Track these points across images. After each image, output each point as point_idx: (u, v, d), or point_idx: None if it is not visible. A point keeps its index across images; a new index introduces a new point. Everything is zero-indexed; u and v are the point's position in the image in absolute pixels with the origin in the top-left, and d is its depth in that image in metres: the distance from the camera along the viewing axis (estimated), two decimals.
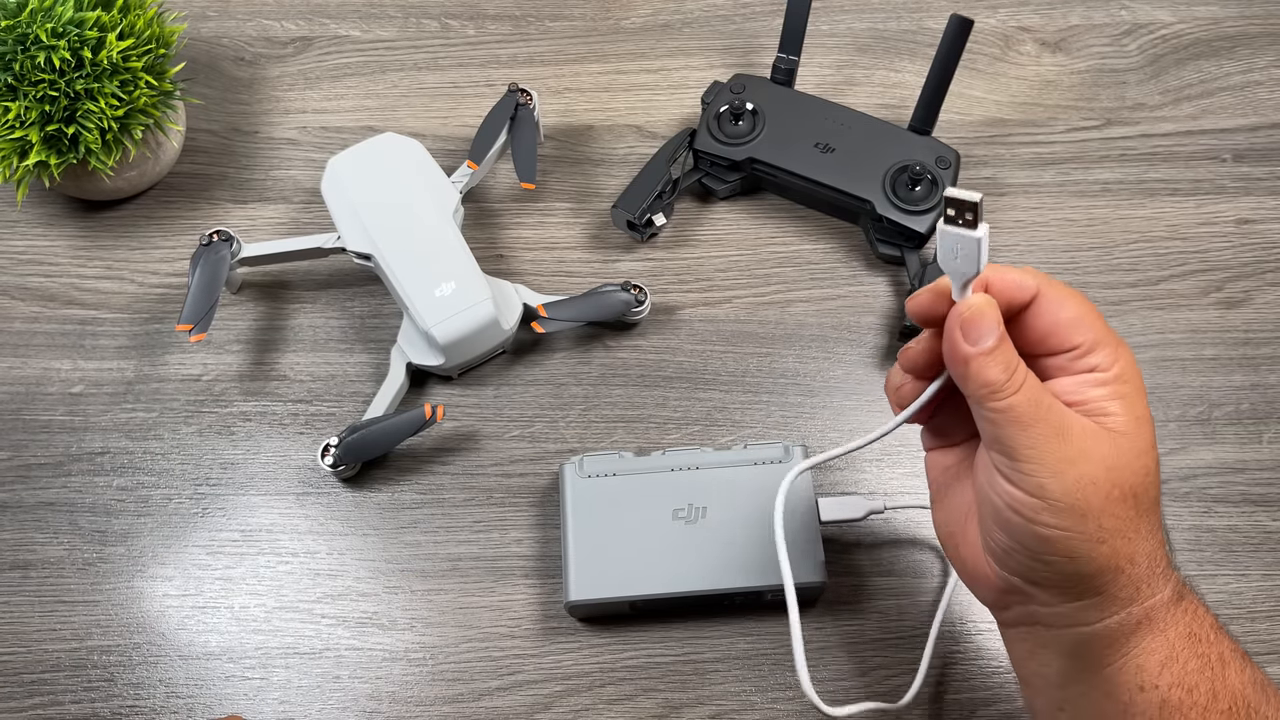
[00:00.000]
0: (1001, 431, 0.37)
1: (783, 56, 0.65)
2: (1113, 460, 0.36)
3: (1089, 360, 0.38)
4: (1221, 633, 0.39)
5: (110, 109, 0.58)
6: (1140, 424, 0.37)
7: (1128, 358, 0.38)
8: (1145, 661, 0.38)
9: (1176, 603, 0.38)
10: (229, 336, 0.63)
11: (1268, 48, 0.71)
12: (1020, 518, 0.37)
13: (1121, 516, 0.37)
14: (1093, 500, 0.36)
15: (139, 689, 0.54)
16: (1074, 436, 0.36)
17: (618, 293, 0.60)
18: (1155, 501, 0.38)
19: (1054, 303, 0.38)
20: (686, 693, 0.53)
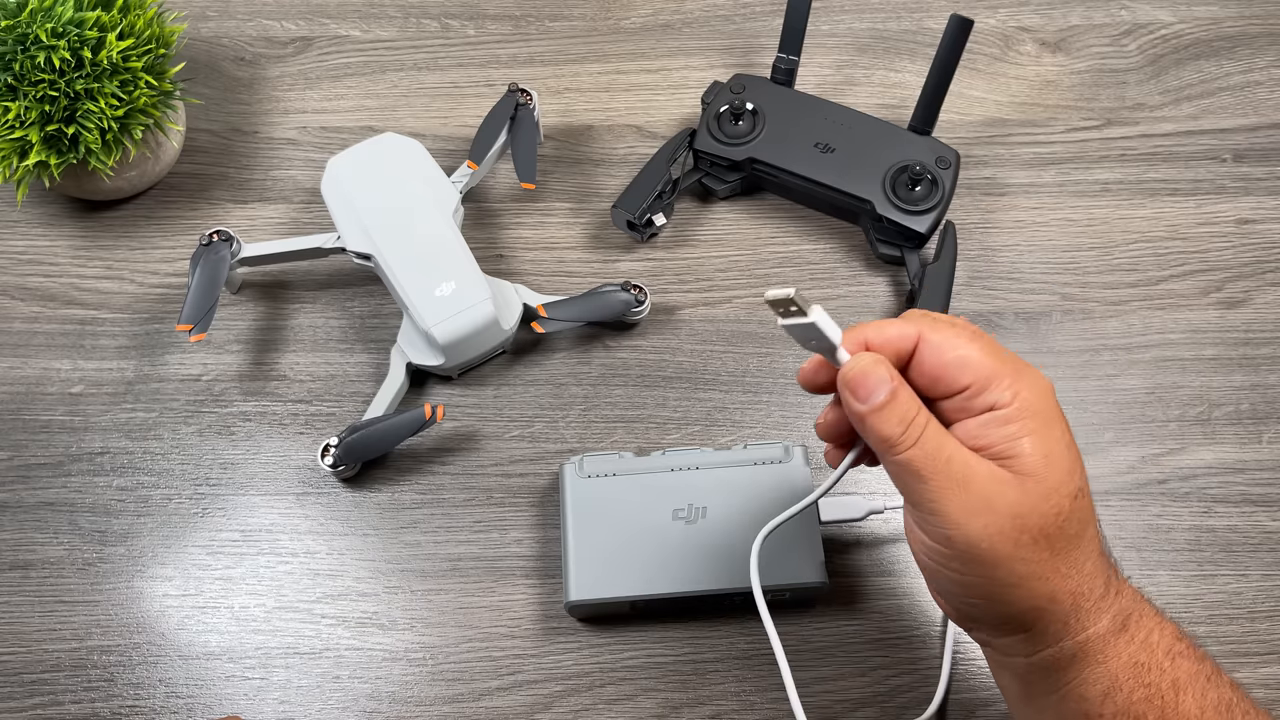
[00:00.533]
0: (904, 484, 0.37)
1: (783, 56, 0.65)
2: (1019, 506, 0.36)
3: (985, 399, 0.36)
4: (1181, 657, 0.38)
5: (110, 109, 0.58)
6: (1050, 461, 0.36)
7: (1032, 390, 0.36)
8: (1086, 691, 0.38)
9: (1119, 633, 0.38)
10: (229, 336, 0.63)
11: (1268, 48, 0.71)
12: (934, 564, 0.38)
13: (1033, 560, 0.36)
14: (1000, 549, 0.36)
15: (139, 689, 0.54)
16: (976, 486, 0.36)
17: (618, 293, 0.60)
18: (1074, 538, 0.37)
19: (935, 346, 0.37)
20: (686, 693, 0.53)
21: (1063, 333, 0.62)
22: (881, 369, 0.37)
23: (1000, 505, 0.35)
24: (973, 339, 0.37)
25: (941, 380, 0.37)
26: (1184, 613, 0.54)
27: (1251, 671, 0.53)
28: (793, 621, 0.54)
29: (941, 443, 0.36)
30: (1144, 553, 0.56)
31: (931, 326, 0.37)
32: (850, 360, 0.37)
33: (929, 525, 0.37)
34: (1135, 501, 0.57)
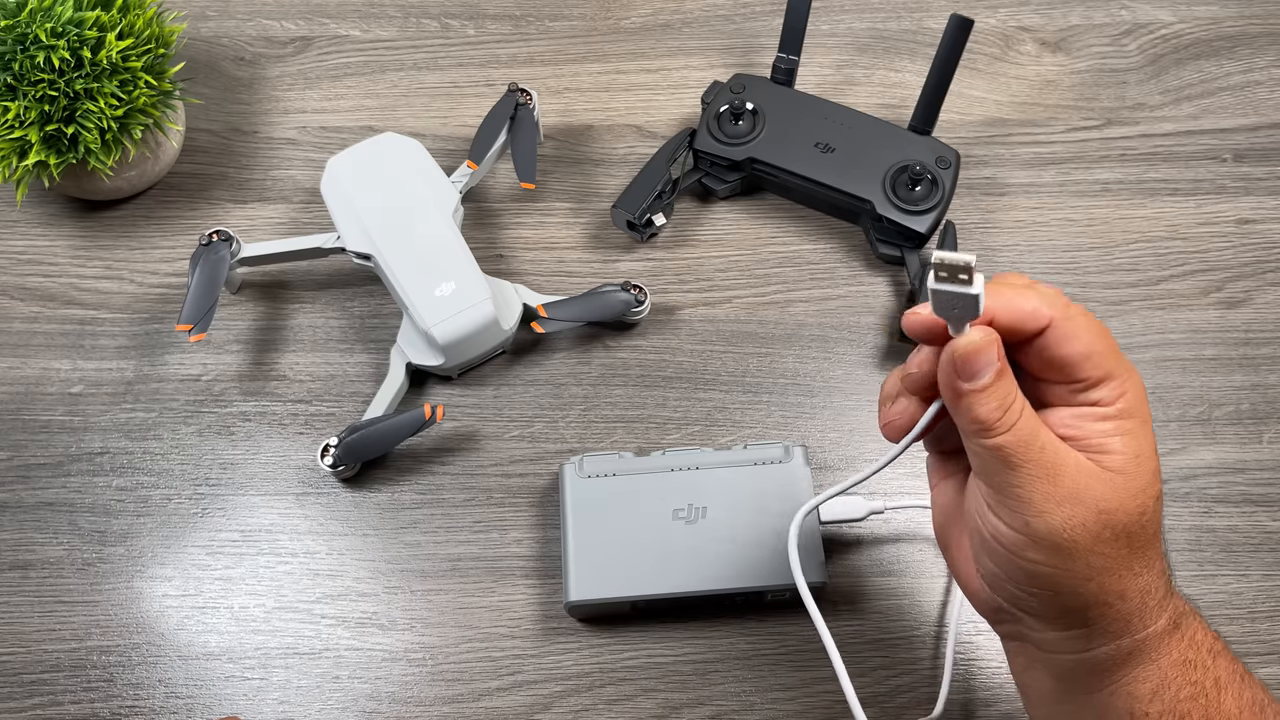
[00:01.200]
0: (989, 467, 0.36)
1: (783, 56, 0.65)
2: (1106, 502, 0.35)
3: (1093, 394, 0.36)
4: (1220, 656, 0.38)
5: (110, 109, 0.58)
6: (1140, 462, 0.36)
7: (1135, 391, 0.36)
8: (1136, 690, 0.38)
9: (1172, 632, 0.38)
10: (229, 336, 0.63)
11: (1268, 47, 0.71)
12: (1005, 550, 0.37)
13: (1111, 555, 0.36)
14: (1080, 540, 0.35)
15: (138, 689, 0.54)
16: (1065, 477, 0.35)
17: (618, 293, 0.60)
18: (1153, 537, 0.37)
19: (1067, 336, 0.36)
20: (686, 693, 0.53)
21: None
22: (993, 350, 0.35)
23: (1087, 498, 0.35)
24: (1100, 334, 0.36)
25: (1062, 368, 0.36)
26: None
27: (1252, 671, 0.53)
28: (793, 621, 0.54)
29: (1035, 430, 0.36)
30: None
31: (1065, 313, 0.36)
32: (964, 336, 0.35)
33: (1008, 511, 0.36)
34: None
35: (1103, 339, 0.36)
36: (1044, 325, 0.36)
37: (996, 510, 0.37)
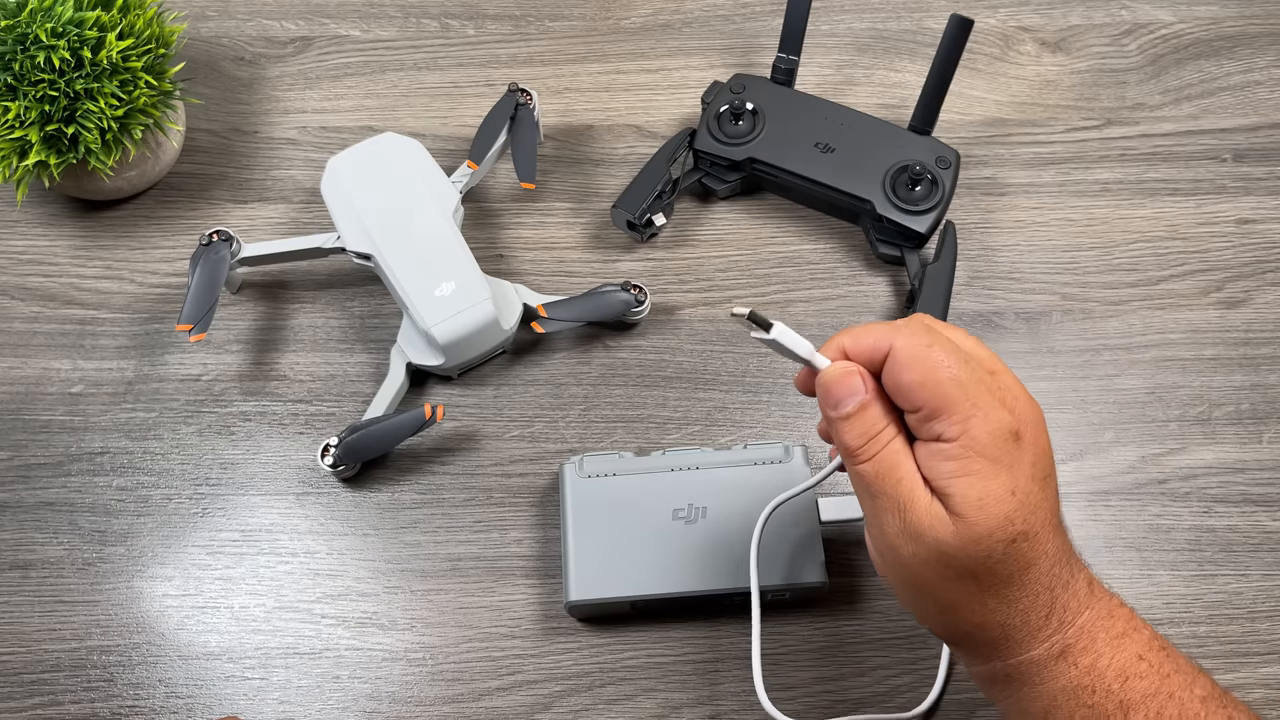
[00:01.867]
0: (858, 491, 0.39)
1: (783, 56, 0.65)
2: (946, 545, 0.36)
3: (933, 427, 0.36)
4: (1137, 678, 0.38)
5: (110, 109, 0.58)
6: (983, 506, 0.35)
7: (985, 427, 0.35)
8: (1029, 706, 0.39)
9: (1056, 659, 0.38)
10: (229, 336, 0.63)
11: (1268, 47, 0.71)
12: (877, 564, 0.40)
13: (959, 593, 0.37)
14: (925, 577, 0.37)
15: (139, 689, 0.54)
16: (913, 514, 0.36)
17: (618, 293, 0.60)
18: (1009, 578, 0.37)
19: (900, 363, 0.37)
20: (686, 693, 0.53)
21: (1063, 333, 0.62)
22: (854, 380, 0.38)
23: (929, 539, 0.36)
24: (945, 364, 0.36)
25: (897, 395, 0.37)
26: (1184, 613, 0.54)
27: (1252, 671, 0.53)
28: (793, 621, 0.54)
29: (896, 463, 0.37)
30: (1144, 553, 0.56)
31: (908, 341, 0.37)
32: (826, 368, 0.39)
33: (873, 535, 0.39)
34: (1135, 501, 0.57)
35: (944, 369, 0.36)
36: (884, 355, 0.37)
37: (869, 534, 0.40)
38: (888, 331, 0.37)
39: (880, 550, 0.39)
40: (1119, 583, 0.55)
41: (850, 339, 0.38)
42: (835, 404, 0.38)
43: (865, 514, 0.39)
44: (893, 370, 0.37)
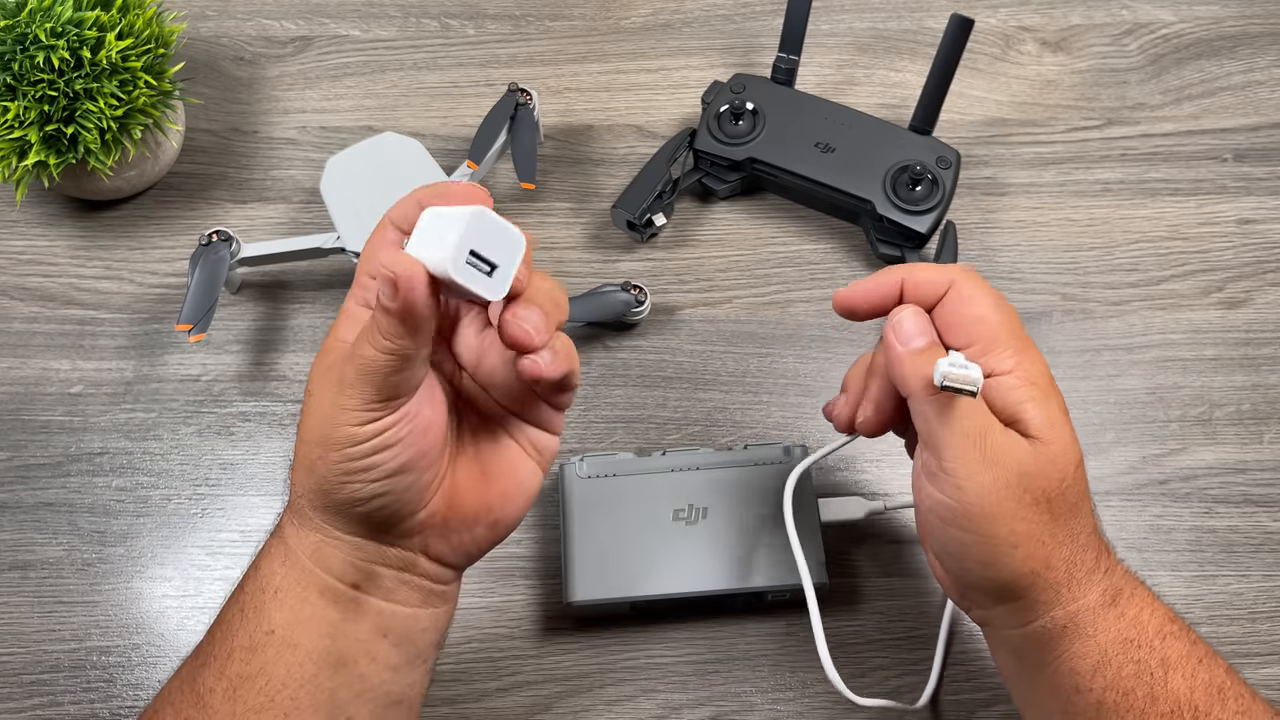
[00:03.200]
0: (928, 429, 0.39)
1: (783, 56, 0.65)
2: (1027, 465, 0.37)
3: (989, 361, 0.39)
4: (1172, 638, 0.39)
5: (109, 109, 0.58)
6: (1054, 427, 0.38)
7: (1034, 362, 0.39)
8: (1077, 665, 0.38)
9: (1108, 607, 0.38)
10: (228, 336, 0.63)
11: (1269, 47, 0.71)
12: (941, 521, 0.39)
13: (1035, 521, 0.37)
14: (1005, 504, 0.37)
15: (138, 689, 0.54)
16: (992, 439, 0.37)
17: (618, 293, 0.60)
18: (1074, 507, 0.38)
19: (961, 298, 0.40)
20: (686, 693, 0.53)
21: (1063, 333, 0.62)
22: (922, 318, 0.39)
23: (1010, 461, 0.37)
24: (997, 305, 0.39)
25: (955, 329, 0.39)
26: (1185, 613, 0.54)
27: (1253, 672, 0.53)
28: (793, 621, 0.54)
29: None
30: (1145, 553, 0.56)
31: (964, 279, 0.40)
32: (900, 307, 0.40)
33: (944, 475, 0.38)
34: (1136, 502, 0.57)
35: (998, 311, 0.39)
36: (944, 288, 0.40)
37: (934, 478, 0.39)
38: (943, 271, 0.40)
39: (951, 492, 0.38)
40: None
41: (908, 274, 0.40)
42: (908, 338, 0.39)
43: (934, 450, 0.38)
44: (954, 304, 0.39)
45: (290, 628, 0.37)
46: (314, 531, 0.38)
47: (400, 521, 0.38)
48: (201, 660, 0.38)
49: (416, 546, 0.39)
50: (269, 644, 0.37)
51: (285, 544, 0.38)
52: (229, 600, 0.39)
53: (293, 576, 0.38)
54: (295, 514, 0.38)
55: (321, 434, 0.36)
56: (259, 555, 0.39)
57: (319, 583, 0.38)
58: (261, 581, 0.38)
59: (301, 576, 0.37)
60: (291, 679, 0.37)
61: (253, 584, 0.38)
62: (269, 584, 0.38)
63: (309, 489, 0.37)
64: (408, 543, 0.39)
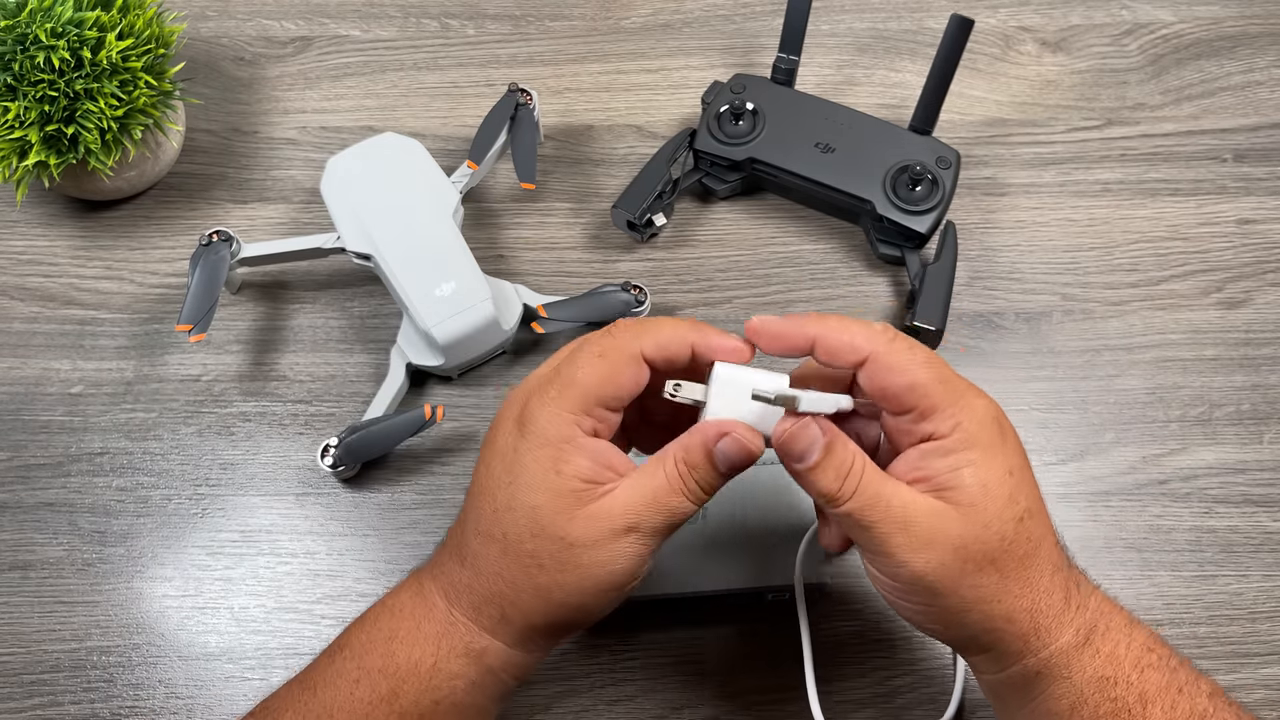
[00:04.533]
0: (850, 530, 0.38)
1: (783, 56, 0.65)
2: (960, 538, 0.36)
3: (927, 426, 0.37)
4: (1150, 669, 0.38)
5: (110, 109, 0.58)
6: (988, 491, 0.36)
7: (973, 419, 0.37)
8: (1053, 706, 0.38)
9: (1080, 648, 0.38)
10: (229, 337, 0.63)
11: (1268, 47, 0.71)
12: (892, 596, 0.39)
13: (983, 586, 0.37)
14: (945, 580, 0.37)
15: (138, 690, 0.54)
16: (917, 525, 0.36)
17: (618, 293, 0.60)
18: (1025, 558, 0.37)
19: (887, 368, 0.37)
20: (686, 693, 0.53)
21: (1063, 333, 0.62)
22: (811, 429, 0.37)
23: (941, 540, 0.36)
24: (927, 363, 0.37)
25: (886, 399, 0.38)
26: (1184, 613, 0.54)
27: (1252, 672, 0.53)
28: (793, 621, 0.54)
29: (880, 488, 0.37)
30: (1144, 553, 0.56)
31: (887, 346, 0.37)
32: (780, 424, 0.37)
33: (879, 565, 0.38)
34: (1136, 502, 0.57)
35: (927, 369, 0.37)
36: (863, 358, 0.37)
37: (873, 565, 0.39)
38: (862, 333, 0.37)
39: (890, 574, 0.38)
40: (1119, 583, 0.55)
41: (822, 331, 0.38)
42: (800, 456, 0.37)
43: (863, 546, 0.38)
44: (876, 375, 0.37)
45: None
46: (534, 654, 0.41)
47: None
48: None
49: None
50: None
51: (486, 668, 0.40)
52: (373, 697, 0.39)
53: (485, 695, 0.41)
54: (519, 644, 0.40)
55: (611, 582, 0.38)
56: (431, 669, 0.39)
57: (505, 691, 0.42)
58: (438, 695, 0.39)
59: (495, 691, 0.41)
60: None
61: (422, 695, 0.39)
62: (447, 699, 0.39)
63: (563, 625, 0.39)
64: None
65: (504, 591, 0.38)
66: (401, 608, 0.41)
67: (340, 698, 0.39)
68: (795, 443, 0.37)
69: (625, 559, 0.37)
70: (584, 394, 0.37)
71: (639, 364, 0.38)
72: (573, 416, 0.37)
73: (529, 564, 0.37)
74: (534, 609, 0.38)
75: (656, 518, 0.37)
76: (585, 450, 0.37)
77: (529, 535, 0.37)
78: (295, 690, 0.40)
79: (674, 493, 0.37)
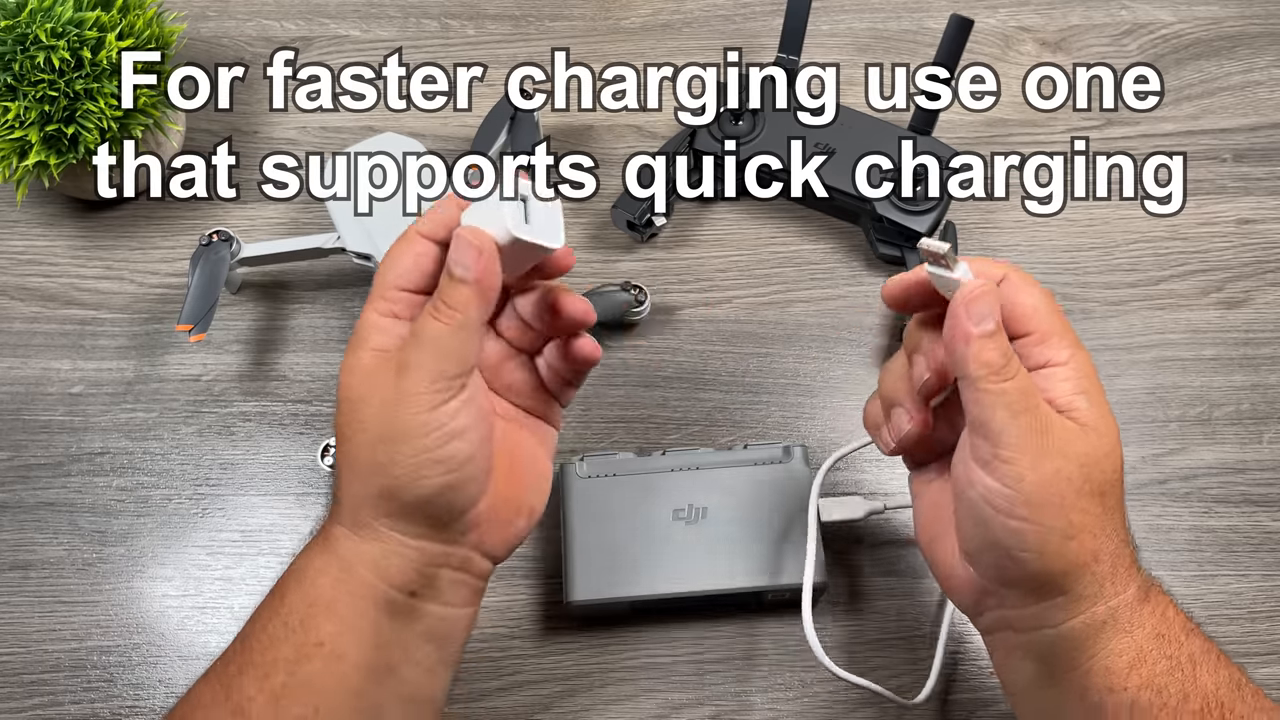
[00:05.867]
0: (991, 416, 0.37)
1: (783, 56, 0.65)
2: (1086, 457, 0.37)
3: (1041, 352, 0.39)
4: (1193, 634, 0.39)
5: (109, 109, 0.58)
6: (1106, 420, 0.39)
7: (1084, 357, 0.39)
8: (1113, 663, 0.38)
9: (1142, 602, 0.38)
10: (229, 336, 0.63)
11: (1268, 47, 0.71)
12: (994, 511, 0.38)
13: (1090, 512, 0.37)
14: (1065, 495, 0.37)
15: (139, 689, 0.54)
16: (1055, 431, 0.37)
17: (618, 293, 0.60)
18: (1120, 500, 0.39)
19: (1016, 287, 0.39)
20: (686, 693, 0.53)
21: None
22: (995, 298, 0.38)
23: (1072, 452, 0.37)
24: (1047, 296, 0.39)
25: (1011, 319, 0.39)
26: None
27: (1252, 672, 0.52)
28: (793, 621, 0.54)
29: (1031, 384, 0.38)
30: (1144, 553, 0.56)
31: (1018, 272, 0.40)
32: (970, 282, 0.38)
33: (1001, 463, 0.37)
34: (1136, 501, 0.57)
35: (1048, 301, 0.40)
36: (1001, 277, 0.39)
37: (990, 466, 0.38)
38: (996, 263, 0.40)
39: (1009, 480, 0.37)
40: None
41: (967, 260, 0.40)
42: (982, 318, 0.38)
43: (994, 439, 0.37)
44: (1010, 293, 0.39)
45: (339, 639, 0.37)
46: (375, 542, 0.38)
47: (464, 514, 0.38)
48: (236, 668, 0.38)
49: (472, 543, 0.40)
50: (316, 656, 0.37)
51: (338, 557, 0.38)
52: (266, 610, 0.39)
53: (346, 588, 0.38)
54: (353, 525, 0.38)
55: (391, 430, 0.37)
56: (304, 568, 0.39)
57: (376, 594, 0.38)
58: (310, 594, 0.38)
59: (357, 588, 0.38)
60: (338, 690, 0.37)
61: (297, 596, 0.38)
62: (319, 598, 0.38)
63: (374, 493, 0.37)
64: (465, 539, 0.39)
65: (337, 476, 0.39)
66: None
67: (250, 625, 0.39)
68: (978, 304, 0.38)
69: (401, 398, 0.37)
70: (377, 282, 0.39)
71: (414, 240, 0.39)
72: (370, 305, 0.39)
73: (341, 438, 0.39)
74: (350, 479, 0.38)
75: (417, 348, 0.37)
76: (377, 326, 0.39)
77: (337, 411, 0.39)
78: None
79: (427, 319, 0.37)
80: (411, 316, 0.39)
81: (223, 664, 0.38)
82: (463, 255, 0.37)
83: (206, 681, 0.38)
